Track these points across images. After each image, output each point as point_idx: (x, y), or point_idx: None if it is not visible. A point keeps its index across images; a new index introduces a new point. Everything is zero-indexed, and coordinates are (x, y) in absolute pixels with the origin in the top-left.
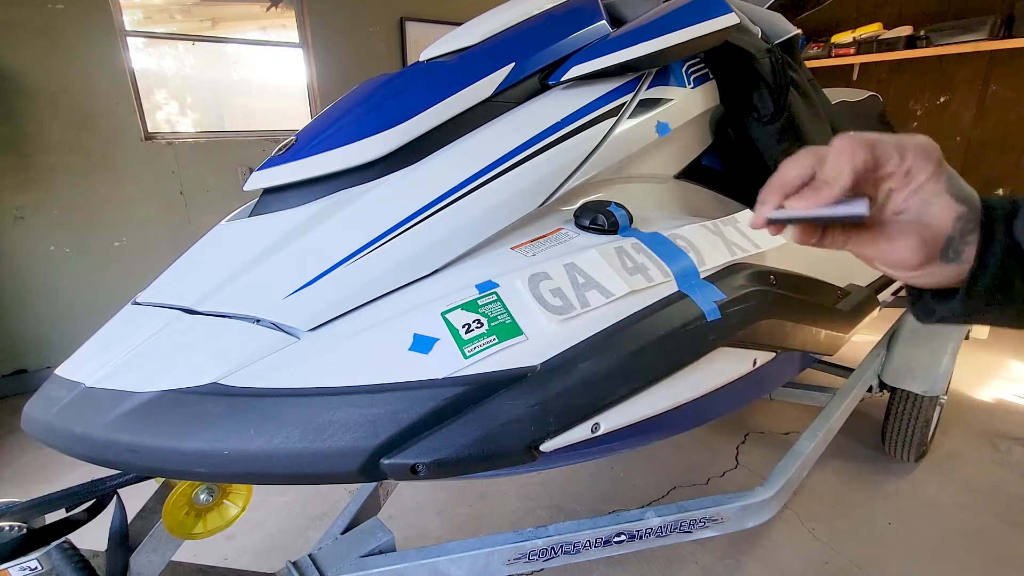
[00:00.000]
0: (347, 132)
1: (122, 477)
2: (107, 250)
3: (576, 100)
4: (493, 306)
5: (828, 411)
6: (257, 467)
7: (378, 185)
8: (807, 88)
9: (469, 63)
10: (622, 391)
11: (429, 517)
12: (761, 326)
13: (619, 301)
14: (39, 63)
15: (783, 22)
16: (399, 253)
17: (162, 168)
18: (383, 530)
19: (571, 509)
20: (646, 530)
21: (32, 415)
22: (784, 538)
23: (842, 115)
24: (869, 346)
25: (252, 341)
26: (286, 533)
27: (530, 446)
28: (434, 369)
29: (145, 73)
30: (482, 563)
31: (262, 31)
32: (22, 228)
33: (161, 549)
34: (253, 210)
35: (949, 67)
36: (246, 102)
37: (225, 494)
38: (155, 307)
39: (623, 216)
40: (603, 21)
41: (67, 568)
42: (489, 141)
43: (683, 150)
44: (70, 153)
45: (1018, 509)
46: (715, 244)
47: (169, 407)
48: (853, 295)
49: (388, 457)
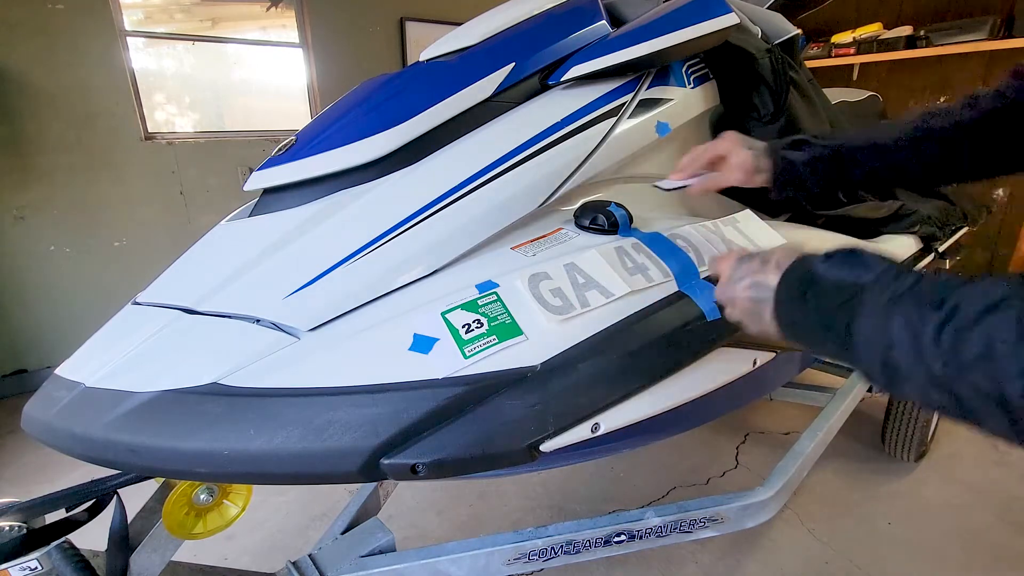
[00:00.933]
0: (347, 132)
1: (122, 477)
2: (107, 250)
3: (576, 100)
4: (493, 306)
5: (828, 411)
6: (257, 467)
7: (378, 185)
8: (807, 88)
9: (469, 63)
10: (622, 391)
11: (429, 517)
12: None
13: (619, 301)
14: (39, 63)
15: (783, 22)
16: (399, 253)
17: (162, 168)
18: (383, 530)
19: (571, 509)
20: (646, 530)
21: (32, 415)
22: (784, 538)
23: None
24: None
25: (252, 341)
26: (286, 533)
27: (530, 446)
28: (434, 369)
29: (145, 73)
30: (482, 563)
31: (262, 31)
32: (22, 228)
33: (161, 549)
34: (253, 210)
35: (949, 67)
36: (246, 102)
37: (225, 494)
38: (155, 307)
39: (623, 216)
40: (603, 21)
41: (67, 568)
42: (489, 141)
43: (683, 150)
44: (70, 153)
45: (1018, 509)
46: (715, 244)
47: (169, 407)
48: None
49: (388, 457)
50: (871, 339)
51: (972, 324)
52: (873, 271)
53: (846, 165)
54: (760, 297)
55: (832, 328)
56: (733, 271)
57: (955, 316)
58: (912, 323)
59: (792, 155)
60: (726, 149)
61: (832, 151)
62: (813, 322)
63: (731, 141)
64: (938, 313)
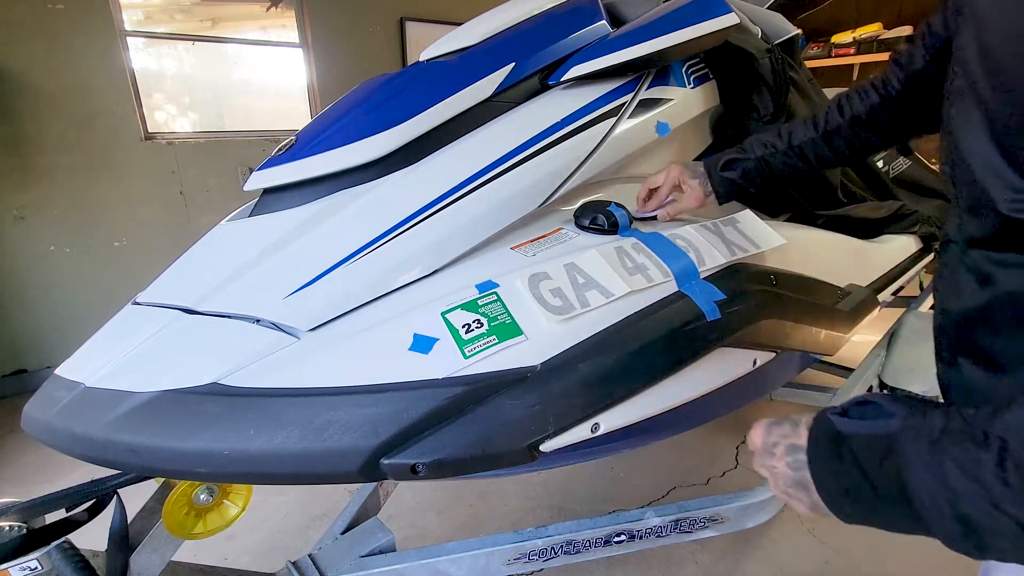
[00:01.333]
0: (347, 132)
1: (122, 477)
2: (107, 250)
3: (576, 100)
4: (493, 306)
5: None
6: (257, 467)
7: (378, 185)
8: (807, 88)
9: (469, 63)
10: (622, 391)
11: (429, 517)
12: (761, 326)
13: (619, 301)
14: (39, 63)
15: (783, 22)
16: (399, 253)
17: (162, 168)
18: (383, 530)
19: (571, 509)
20: (646, 530)
21: (32, 415)
22: (784, 538)
23: None
24: (869, 346)
25: (252, 341)
26: (286, 533)
27: (530, 446)
28: (434, 369)
29: (145, 73)
30: (482, 563)
31: (262, 31)
32: (22, 228)
33: (161, 549)
34: (253, 210)
35: None
36: (246, 102)
37: (225, 494)
38: (155, 307)
39: (623, 216)
40: (603, 21)
41: (67, 568)
42: (489, 141)
43: (683, 150)
44: (70, 153)
45: None
46: (715, 244)
47: (169, 407)
48: (853, 295)
49: (388, 457)
50: (935, 494)
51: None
52: (898, 416)
53: (772, 171)
54: (797, 460)
55: (883, 490)
56: (765, 438)
57: (1007, 452)
58: (967, 469)
59: (728, 175)
60: (676, 180)
61: (757, 162)
62: (859, 484)
63: (679, 171)
64: (988, 453)
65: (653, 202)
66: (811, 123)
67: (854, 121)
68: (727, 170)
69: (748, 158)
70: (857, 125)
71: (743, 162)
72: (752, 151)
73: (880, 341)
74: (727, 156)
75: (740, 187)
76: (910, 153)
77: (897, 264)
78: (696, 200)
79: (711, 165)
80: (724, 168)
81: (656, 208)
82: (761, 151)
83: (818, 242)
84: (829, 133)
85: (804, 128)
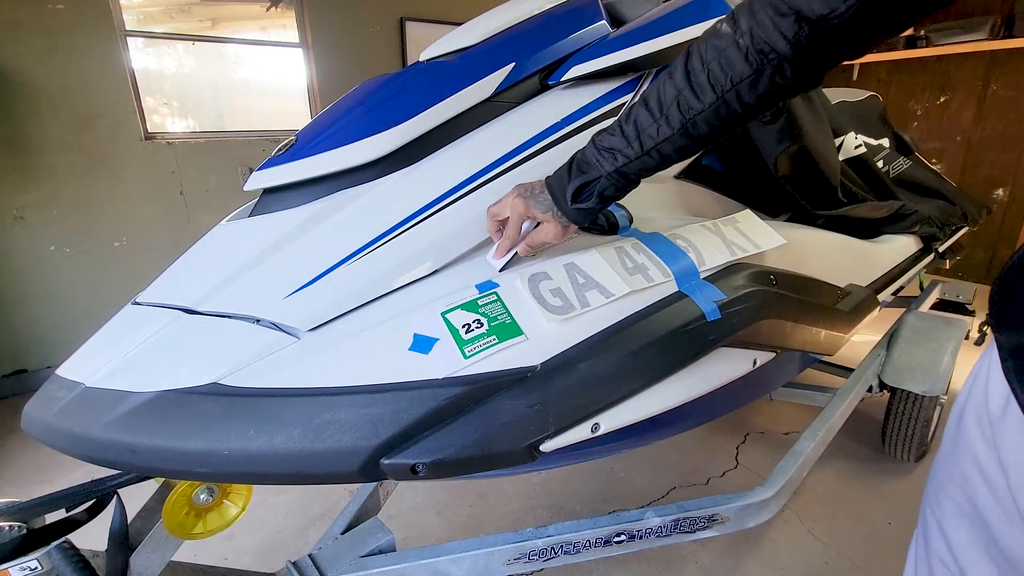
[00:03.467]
0: (347, 132)
1: (122, 477)
2: (107, 250)
3: (576, 100)
4: (493, 306)
5: (828, 411)
6: (257, 467)
7: (378, 185)
8: None
9: (469, 63)
10: (622, 391)
11: (429, 517)
12: (761, 326)
13: (619, 301)
14: (39, 63)
15: None
16: (399, 253)
17: (162, 168)
18: (383, 530)
19: (571, 509)
20: (646, 530)
21: (32, 415)
22: (784, 538)
23: (842, 115)
24: (869, 346)
25: (252, 341)
26: (286, 533)
27: (530, 446)
28: (434, 369)
29: (145, 73)
30: (482, 563)
31: (262, 31)
32: (22, 228)
33: (161, 549)
34: (253, 210)
35: (949, 67)
36: (246, 102)
37: (225, 494)
38: (155, 307)
39: (623, 216)
40: (603, 21)
41: (67, 568)
42: (489, 141)
43: None
44: (70, 153)
45: None
46: (715, 244)
47: (169, 407)
48: (853, 295)
49: (388, 457)
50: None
51: None
52: None
53: (629, 180)
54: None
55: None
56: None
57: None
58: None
59: (583, 206)
60: (522, 215)
61: (610, 177)
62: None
63: (523, 207)
64: None
65: (505, 243)
66: (661, 115)
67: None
68: (580, 201)
69: (598, 176)
70: None
71: (595, 184)
72: (600, 167)
73: (880, 341)
74: (573, 183)
75: (599, 208)
76: (910, 153)
77: (897, 264)
78: (555, 235)
79: (558, 198)
80: (576, 200)
81: (509, 251)
82: (611, 164)
83: (818, 242)
84: None
85: (652, 122)
